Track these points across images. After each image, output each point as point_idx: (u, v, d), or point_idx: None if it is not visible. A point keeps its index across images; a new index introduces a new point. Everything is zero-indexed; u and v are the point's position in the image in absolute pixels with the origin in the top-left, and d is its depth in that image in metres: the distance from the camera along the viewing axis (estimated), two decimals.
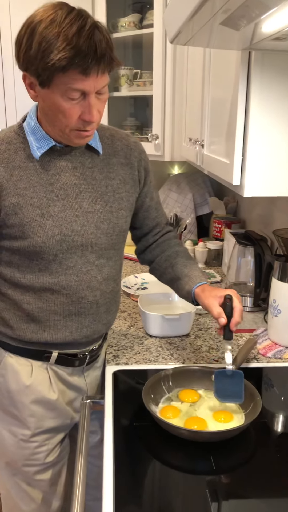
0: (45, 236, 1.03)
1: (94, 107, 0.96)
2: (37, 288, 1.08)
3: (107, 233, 1.11)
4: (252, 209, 2.08)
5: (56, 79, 0.92)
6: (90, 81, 0.92)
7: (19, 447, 1.18)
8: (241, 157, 1.15)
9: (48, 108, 0.98)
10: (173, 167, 2.73)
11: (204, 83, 1.54)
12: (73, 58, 0.88)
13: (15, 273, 1.08)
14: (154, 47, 2.06)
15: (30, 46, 0.91)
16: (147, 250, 1.30)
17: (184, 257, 1.24)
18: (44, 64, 0.90)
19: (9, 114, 2.33)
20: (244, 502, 0.83)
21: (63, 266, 1.08)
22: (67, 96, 0.94)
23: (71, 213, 1.06)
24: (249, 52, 1.06)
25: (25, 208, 1.03)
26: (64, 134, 1.00)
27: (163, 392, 1.10)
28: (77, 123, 0.98)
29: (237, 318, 1.05)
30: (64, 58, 0.88)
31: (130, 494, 0.84)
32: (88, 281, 1.11)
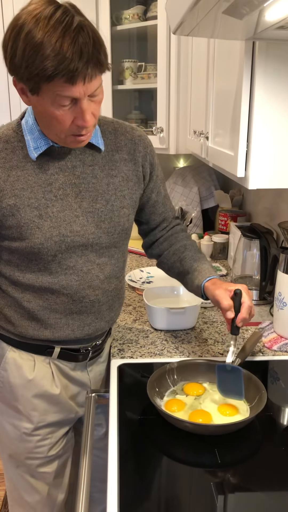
0: (43, 238, 1.01)
1: (87, 112, 0.92)
2: (37, 287, 1.07)
3: (108, 232, 1.09)
4: (257, 202, 2.07)
5: (43, 87, 0.88)
6: (78, 87, 0.87)
7: (22, 440, 1.19)
8: (246, 149, 1.14)
9: (41, 114, 0.95)
10: (179, 160, 2.72)
11: (209, 75, 1.53)
12: (58, 67, 0.83)
13: (14, 271, 1.07)
14: (158, 39, 2.05)
15: (15, 53, 0.87)
16: (154, 244, 1.28)
17: (192, 251, 1.22)
18: (29, 73, 0.86)
19: (14, 108, 2.33)
20: (249, 495, 0.83)
21: (63, 266, 1.06)
22: (57, 103, 0.90)
23: (70, 213, 1.04)
24: (253, 42, 1.05)
25: (22, 209, 1.00)
26: (60, 138, 0.97)
27: (168, 385, 1.10)
28: (71, 128, 0.94)
29: (243, 314, 1.03)
30: (48, 67, 0.83)
31: (135, 487, 0.84)
32: (89, 281, 1.09)
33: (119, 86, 2.33)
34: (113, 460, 0.90)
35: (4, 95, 2.32)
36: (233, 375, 1.02)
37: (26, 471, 1.22)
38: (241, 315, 1.03)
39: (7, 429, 1.20)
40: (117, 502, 0.81)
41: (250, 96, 1.09)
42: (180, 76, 2.06)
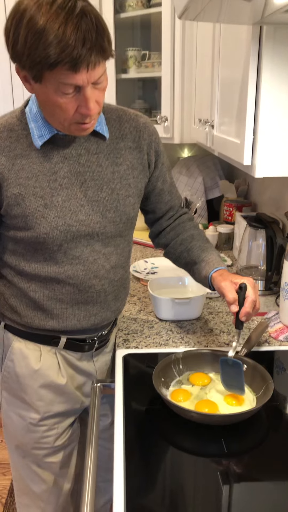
0: (48, 227, 1.01)
1: (91, 100, 0.90)
2: (43, 277, 1.07)
3: (114, 222, 1.08)
4: (263, 192, 2.05)
5: (46, 75, 0.86)
6: (81, 75, 0.86)
7: (28, 430, 1.19)
8: (252, 137, 1.12)
9: (45, 102, 0.93)
10: (183, 150, 2.69)
11: (214, 62, 1.51)
12: (60, 54, 0.81)
13: (20, 261, 1.07)
14: (163, 26, 2.02)
15: (16, 40, 0.85)
16: (161, 234, 1.27)
17: (200, 241, 1.20)
18: (31, 61, 0.84)
19: (16, 97, 2.31)
20: (256, 485, 0.83)
21: (69, 256, 1.05)
22: (61, 91, 0.88)
23: (75, 203, 1.03)
24: (260, 26, 1.03)
25: (27, 198, 0.99)
26: (64, 127, 0.96)
27: (174, 375, 1.09)
28: (75, 116, 0.93)
29: (247, 308, 1.01)
30: (50, 54, 0.82)
31: (141, 477, 0.84)
32: (96, 270, 1.09)
33: (122, 75, 2.31)
34: (119, 450, 0.90)
35: (7, 84, 2.30)
36: (235, 370, 1.01)
37: (32, 461, 1.23)
38: (244, 309, 1.02)
39: (13, 419, 1.20)
40: (123, 492, 0.80)
41: (257, 82, 1.08)
42: (185, 64, 2.03)
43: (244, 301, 1.02)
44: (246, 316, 1.02)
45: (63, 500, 1.29)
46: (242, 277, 1.07)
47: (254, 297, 1.03)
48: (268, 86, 1.07)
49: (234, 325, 1.04)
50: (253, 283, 1.05)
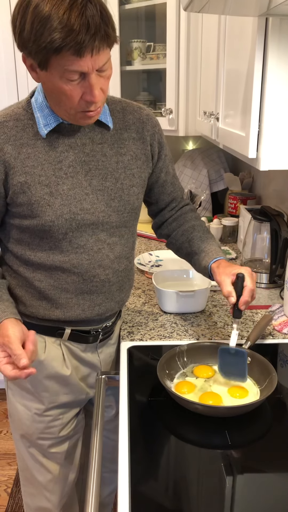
0: (54, 215, 1.02)
1: (96, 87, 0.91)
2: (48, 266, 1.08)
3: (118, 211, 1.09)
4: (268, 185, 2.05)
5: (52, 61, 0.88)
6: (86, 61, 0.87)
7: (33, 420, 1.20)
8: (257, 130, 1.12)
9: (50, 90, 0.95)
10: (188, 142, 2.68)
11: (219, 54, 1.50)
12: (65, 38, 0.83)
13: (25, 250, 1.08)
14: (168, 18, 2.00)
15: (23, 27, 0.87)
16: (163, 224, 1.29)
17: (201, 231, 1.22)
18: (37, 46, 0.86)
19: (21, 90, 2.31)
20: (259, 477, 0.83)
21: (74, 245, 1.07)
22: (66, 78, 0.89)
23: (80, 191, 1.04)
24: (266, 18, 1.02)
25: (33, 186, 1.01)
26: (70, 115, 0.97)
27: (178, 367, 1.10)
28: (80, 104, 0.94)
29: (245, 297, 1.03)
30: (55, 39, 0.83)
31: (145, 468, 0.85)
32: (100, 260, 1.10)
33: (127, 67, 2.30)
34: (123, 442, 0.91)
35: (11, 76, 2.29)
36: (237, 358, 1.02)
37: (37, 451, 1.24)
38: (243, 298, 1.03)
39: (19, 409, 1.21)
40: (127, 482, 0.81)
41: (262, 74, 1.07)
42: (190, 56, 2.02)
43: (243, 290, 1.03)
44: (245, 305, 1.04)
45: (68, 490, 1.31)
46: (239, 267, 1.08)
47: (252, 286, 1.04)
48: (273, 79, 1.06)
49: (232, 315, 1.05)
50: (250, 272, 1.06)
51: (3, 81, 2.30)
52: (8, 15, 2.19)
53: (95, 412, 1.09)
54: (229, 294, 1.04)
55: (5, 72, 2.29)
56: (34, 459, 1.25)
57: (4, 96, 2.32)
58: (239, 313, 1.04)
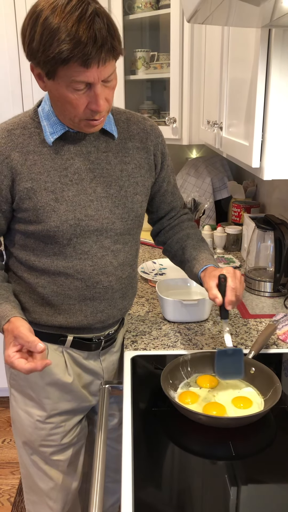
0: (58, 221, 1.04)
1: (101, 97, 0.94)
2: (52, 272, 1.09)
3: (122, 218, 1.11)
4: (271, 193, 2.05)
5: (59, 71, 0.91)
6: (92, 72, 0.90)
7: (35, 427, 1.20)
8: (261, 139, 1.12)
9: (57, 99, 0.98)
10: (191, 151, 2.69)
11: (223, 63, 1.51)
12: (73, 50, 0.86)
13: (30, 256, 1.09)
14: (171, 28, 2.02)
15: (33, 38, 0.90)
16: (161, 232, 1.31)
17: (194, 240, 1.24)
18: (46, 57, 0.89)
19: (26, 98, 2.33)
20: (263, 488, 0.83)
21: (78, 251, 1.08)
22: (72, 87, 0.93)
23: (85, 198, 1.06)
24: (269, 29, 1.03)
25: (39, 192, 1.03)
26: (74, 123, 1.00)
27: (182, 377, 1.09)
28: (85, 112, 0.97)
29: (228, 297, 1.04)
30: (63, 50, 0.86)
31: (149, 478, 0.84)
32: (103, 266, 1.11)
33: (131, 76, 2.31)
34: (127, 452, 0.90)
35: (16, 86, 2.31)
36: (233, 357, 1.04)
37: (40, 458, 1.24)
38: (227, 298, 1.05)
39: (21, 416, 1.22)
40: (131, 493, 0.81)
41: (265, 84, 1.08)
42: (194, 65, 2.03)
43: (226, 291, 1.05)
44: (231, 304, 1.05)
45: (71, 498, 1.30)
46: (222, 269, 1.10)
47: (234, 285, 1.06)
48: (277, 89, 1.06)
49: (220, 316, 1.06)
50: (232, 272, 1.08)
51: (8, 90, 2.32)
52: (14, 26, 2.22)
53: (99, 422, 1.08)
54: (215, 296, 1.05)
55: (11, 82, 2.31)
56: (37, 466, 1.25)
57: (9, 105, 2.34)
58: (226, 313, 1.06)
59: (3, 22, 2.24)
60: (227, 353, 1.05)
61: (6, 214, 1.07)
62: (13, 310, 1.02)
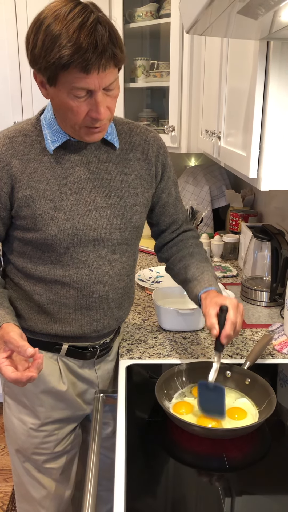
0: (56, 229, 1.04)
1: (101, 105, 0.94)
2: (48, 280, 1.09)
3: (120, 228, 1.10)
4: (269, 202, 2.05)
5: (60, 78, 0.91)
6: (92, 78, 0.90)
7: (29, 435, 1.20)
8: (258, 150, 1.13)
9: (58, 106, 0.98)
10: (190, 159, 2.70)
11: (222, 73, 1.51)
12: (73, 55, 0.87)
13: (27, 263, 1.09)
14: (171, 37, 2.03)
15: (35, 44, 0.91)
16: (164, 248, 1.29)
17: (198, 259, 1.20)
18: (46, 62, 0.90)
19: (26, 105, 2.33)
20: (257, 500, 0.82)
21: (75, 260, 1.08)
22: (73, 94, 0.93)
23: (84, 207, 1.06)
24: (267, 41, 1.03)
25: (37, 200, 1.03)
26: (75, 131, 1.00)
27: (177, 387, 1.09)
28: (85, 120, 0.97)
29: (227, 331, 0.99)
30: (64, 56, 0.87)
31: (141, 489, 0.84)
32: (100, 276, 1.10)
33: (131, 84, 2.32)
34: (120, 463, 0.90)
35: (16, 93, 2.32)
36: (215, 394, 0.99)
37: (32, 466, 1.23)
38: (224, 331, 0.99)
39: (15, 424, 1.21)
40: (123, 504, 0.80)
41: (263, 96, 1.08)
42: (193, 74, 2.04)
43: (225, 323, 1.00)
44: (227, 339, 1.00)
45: (64, 507, 1.29)
46: (226, 297, 1.05)
47: (234, 319, 1.01)
48: (275, 100, 1.07)
49: (214, 348, 1.01)
50: (235, 305, 1.02)
51: (8, 97, 2.33)
52: (15, 33, 2.23)
53: (92, 431, 1.08)
54: (212, 326, 1.00)
55: (11, 89, 2.31)
56: (29, 474, 1.24)
57: (9, 112, 2.34)
58: (221, 347, 1.00)
59: (4, 29, 2.25)
60: (208, 387, 1.00)
61: (5, 220, 1.07)
62: (6, 316, 1.01)
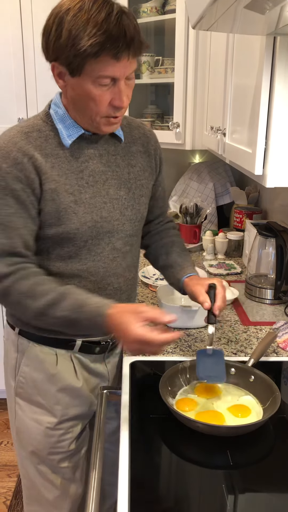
0: (78, 223, 1.05)
1: (124, 93, 0.98)
2: (66, 274, 1.10)
3: (131, 220, 1.14)
4: (274, 200, 2.04)
5: (87, 67, 0.93)
6: (120, 66, 0.93)
7: (45, 435, 1.20)
8: (264, 147, 1.12)
9: (79, 96, 0.99)
10: (194, 155, 2.69)
11: (227, 70, 1.50)
12: (105, 43, 0.89)
13: (44, 260, 1.09)
14: (176, 33, 2.02)
15: (59, 35, 0.92)
16: (147, 236, 1.34)
17: (179, 248, 1.28)
18: (76, 51, 0.90)
19: (30, 103, 2.33)
20: (261, 497, 0.82)
21: (92, 253, 1.10)
22: (98, 82, 0.95)
23: (100, 200, 1.08)
24: (274, 37, 1.02)
25: (61, 194, 1.04)
26: (94, 122, 1.01)
27: (181, 384, 1.09)
28: (107, 109, 0.99)
29: (219, 303, 1.09)
30: (95, 43, 0.89)
31: (145, 486, 0.84)
32: (114, 268, 1.13)
33: (136, 80, 2.31)
34: (124, 458, 0.90)
35: (21, 90, 2.32)
36: (215, 358, 1.06)
37: (47, 468, 1.23)
38: (217, 303, 1.09)
39: (29, 425, 1.20)
40: (127, 501, 0.80)
41: (270, 92, 1.07)
42: (198, 71, 2.03)
43: (215, 297, 1.10)
44: (219, 310, 1.10)
45: (76, 505, 1.29)
46: (210, 278, 1.15)
47: (223, 293, 1.11)
48: (281, 97, 1.06)
49: (208, 320, 1.10)
50: (221, 282, 1.13)
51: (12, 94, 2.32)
52: (19, 31, 2.22)
53: (96, 428, 1.08)
54: (204, 300, 1.09)
55: (15, 86, 2.31)
56: (43, 476, 1.24)
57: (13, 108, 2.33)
58: (214, 318, 1.10)
59: (9, 27, 2.25)
60: (207, 353, 1.07)
61: (36, 221, 1.04)
62: (104, 300, 1.01)
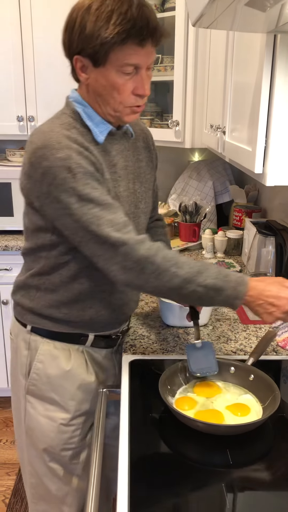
0: None
1: (146, 82, 1.01)
2: (93, 267, 1.07)
3: (144, 213, 1.17)
4: (273, 198, 2.04)
5: (112, 55, 0.96)
6: (144, 53, 0.97)
7: (59, 431, 1.20)
8: (264, 145, 1.12)
9: (102, 87, 1.01)
10: (194, 154, 2.69)
11: (227, 67, 1.50)
12: (130, 30, 0.93)
13: (76, 253, 1.07)
14: (176, 31, 2.02)
15: (84, 27, 0.95)
16: None
17: (166, 247, 1.28)
18: (102, 39, 0.93)
19: (29, 101, 2.33)
20: (260, 496, 0.82)
21: None
22: (122, 71, 0.97)
23: (127, 194, 1.11)
24: (274, 35, 1.02)
25: (111, 185, 1.06)
26: (117, 112, 1.03)
27: (180, 383, 1.09)
28: (130, 99, 1.01)
29: None
30: (122, 31, 0.92)
31: (145, 485, 0.84)
32: None
33: None
34: (123, 459, 0.89)
35: (20, 89, 2.31)
36: (204, 350, 1.08)
37: (58, 465, 1.23)
38: None
39: (42, 422, 1.20)
40: (127, 502, 0.80)
41: (270, 90, 1.07)
42: (197, 68, 2.03)
43: None
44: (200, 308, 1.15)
45: (83, 502, 1.29)
46: None
47: None
48: (281, 95, 1.06)
49: (191, 318, 1.15)
50: None
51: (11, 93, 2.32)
52: (19, 30, 2.23)
53: (96, 426, 1.08)
54: None
55: (14, 85, 2.30)
56: (53, 473, 1.23)
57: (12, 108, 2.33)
58: (197, 314, 1.15)
59: (8, 26, 2.25)
60: (196, 347, 1.09)
61: None
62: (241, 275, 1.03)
